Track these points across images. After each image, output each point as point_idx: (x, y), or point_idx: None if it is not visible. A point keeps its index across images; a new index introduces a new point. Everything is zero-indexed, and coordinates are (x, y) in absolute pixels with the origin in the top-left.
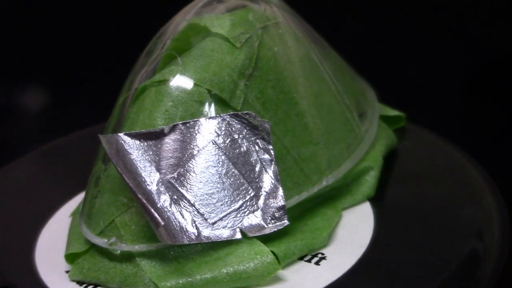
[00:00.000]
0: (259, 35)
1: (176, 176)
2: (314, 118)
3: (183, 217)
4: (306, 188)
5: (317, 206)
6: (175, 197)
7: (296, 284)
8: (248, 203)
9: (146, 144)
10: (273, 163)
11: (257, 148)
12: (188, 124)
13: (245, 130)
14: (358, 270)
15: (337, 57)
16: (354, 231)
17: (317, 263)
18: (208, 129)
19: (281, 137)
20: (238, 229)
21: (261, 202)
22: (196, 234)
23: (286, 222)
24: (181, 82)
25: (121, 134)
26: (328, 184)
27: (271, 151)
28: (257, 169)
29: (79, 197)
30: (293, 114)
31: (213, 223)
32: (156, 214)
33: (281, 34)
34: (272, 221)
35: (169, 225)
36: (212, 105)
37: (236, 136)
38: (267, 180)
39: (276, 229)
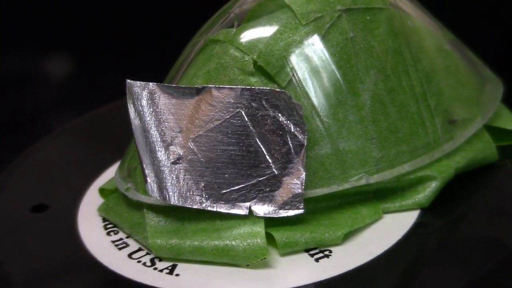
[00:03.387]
0: (334, 17)
1: (195, 138)
2: (376, 114)
3: (190, 180)
4: (339, 182)
5: (355, 203)
6: (189, 158)
7: (280, 274)
8: (266, 182)
9: (175, 100)
10: (303, 148)
11: (288, 130)
12: (221, 90)
13: (280, 109)
14: (343, 279)
15: (454, 56)
16: (378, 237)
17: (317, 259)
18: (241, 99)
19: (326, 124)
20: (247, 206)
21: (279, 184)
22: (201, 200)
23: (300, 210)
24: (230, 46)
25: (153, 84)
26: (370, 183)
27: (303, 136)
28: (284, 150)
29: None
30: (350, 104)
31: (223, 194)
32: (146, 170)
33: (368, 20)
34: (286, 207)
35: (166, 183)
36: (255, 76)
37: (269, 113)
38: (292, 164)
39: (286, 215)
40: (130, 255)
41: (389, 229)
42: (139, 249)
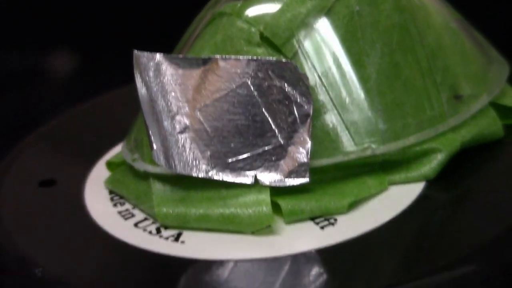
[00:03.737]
0: None
1: (201, 107)
2: (381, 87)
3: (196, 149)
4: (345, 152)
5: (361, 174)
6: (195, 127)
7: (284, 240)
8: (272, 151)
9: (182, 70)
10: (308, 118)
11: (294, 100)
12: (227, 60)
13: (286, 79)
14: (348, 246)
15: (461, 34)
16: (382, 207)
17: (322, 227)
18: (247, 69)
19: (332, 94)
20: (252, 175)
21: (285, 153)
22: (207, 169)
23: (305, 179)
24: (237, 19)
25: (160, 54)
26: (376, 154)
27: (309, 105)
28: (290, 120)
29: None
30: (356, 76)
31: (229, 163)
32: (153, 137)
33: None
34: (292, 176)
35: (173, 152)
36: (261, 47)
37: (275, 83)
38: (298, 133)
39: (292, 184)
40: (136, 224)
41: (395, 199)
42: (145, 219)
